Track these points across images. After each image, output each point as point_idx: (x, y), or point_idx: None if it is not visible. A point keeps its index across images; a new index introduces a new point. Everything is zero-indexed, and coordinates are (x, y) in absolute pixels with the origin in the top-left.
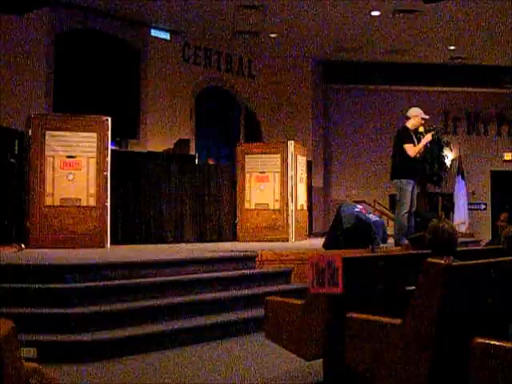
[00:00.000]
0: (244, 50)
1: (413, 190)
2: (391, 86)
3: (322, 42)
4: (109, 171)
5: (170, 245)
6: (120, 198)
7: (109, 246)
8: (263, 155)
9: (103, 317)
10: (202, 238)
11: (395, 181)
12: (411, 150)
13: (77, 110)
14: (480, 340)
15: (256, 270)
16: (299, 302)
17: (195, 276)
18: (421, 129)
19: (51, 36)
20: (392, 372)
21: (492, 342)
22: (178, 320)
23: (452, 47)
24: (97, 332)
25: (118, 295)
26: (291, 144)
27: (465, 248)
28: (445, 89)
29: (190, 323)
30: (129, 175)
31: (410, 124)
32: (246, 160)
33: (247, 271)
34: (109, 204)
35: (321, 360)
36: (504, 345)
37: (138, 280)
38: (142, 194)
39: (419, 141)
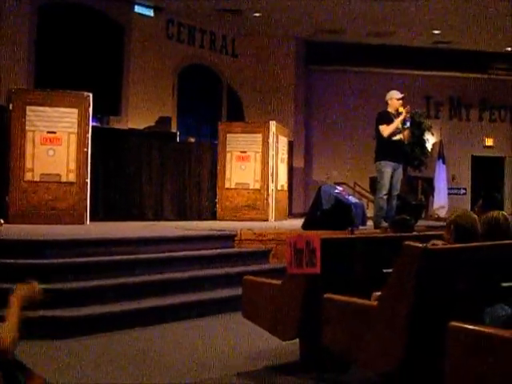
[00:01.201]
0: (228, 29)
1: (394, 173)
2: (374, 68)
3: (306, 22)
4: (89, 148)
5: (150, 222)
6: (100, 175)
7: (88, 222)
8: (245, 135)
9: (82, 293)
10: (181, 216)
11: (376, 163)
12: (385, 130)
13: (58, 86)
14: (455, 323)
15: (235, 250)
16: (277, 281)
17: (174, 254)
18: (401, 109)
19: (34, 9)
20: (368, 353)
21: (467, 326)
22: (157, 298)
23: (436, 31)
24: (75, 308)
25: (96, 272)
26: (273, 124)
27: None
28: (428, 73)
29: (168, 301)
30: (110, 152)
31: (389, 108)
32: (228, 139)
33: (226, 250)
34: (89, 180)
35: (297, 340)
36: (478, 328)
37: (116, 257)
38: (123, 171)
39: (402, 124)
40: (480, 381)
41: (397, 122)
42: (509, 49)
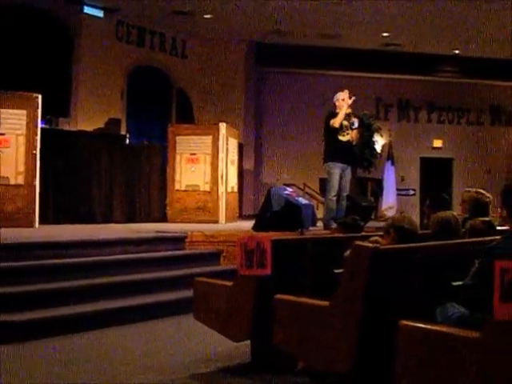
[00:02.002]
0: (178, 30)
1: (343, 174)
2: (324, 70)
3: (256, 24)
4: (38, 149)
5: (100, 225)
6: (49, 177)
7: (37, 225)
8: (195, 137)
9: (29, 297)
10: (131, 219)
11: (325, 164)
12: (335, 122)
13: (6, 87)
14: (406, 322)
15: (185, 251)
16: (228, 283)
17: (124, 256)
18: (348, 110)
19: None
20: (320, 353)
21: (417, 324)
22: (107, 301)
23: (385, 34)
24: (22, 312)
25: (43, 275)
26: (223, 126)
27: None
28: (377, 75)
29: (118, 304)
30: (59, 154)
31: (337, 109)
32: (177, 141)
33: (177, 252)
34: (38, 183)
35: (249, 341)
36: (429, 327)
37: (64, 260)
38: (72, 173)
39: (350, 125)
40: (431, 379)
41: (343, 111)
42: (456, 51)
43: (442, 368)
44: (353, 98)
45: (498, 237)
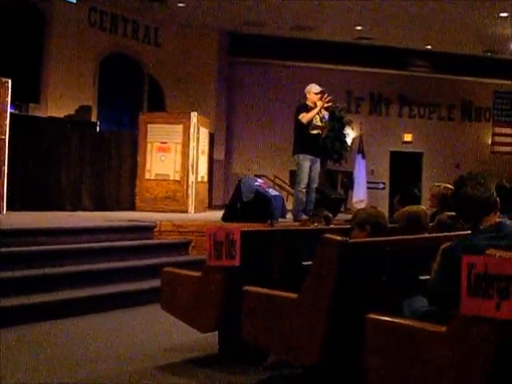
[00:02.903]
0: (151, 18)
1: (312, 166)
2: (296, 62)
3: (230, 14)
4: (7, 135)
5: (68, 212)
6: (18, 164)
7: (5, 212)
8: (166, 125)
9: None
10: (100, 207)
11: (294, 156)
12: (304, 116)
13: None
14: (373, 315)
15: (154, 241)
16: (196, 273)
17: (92, 245)
18: (319, 103)
19: None
20: (288, 345)
21: (384, 317)
22: (73, 289)
23: (358, 27)
24: None
25: (10, 263)
26: (194, 115)
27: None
28: (349, 68)
29: (87, 293)
30: (28, 140)
31: (308, 101)
32: (148, 129)
33: (145, 242)
34: (6, 169)
35: (216, 332)
36: (395, 320)
37: (32, 248)
38: (41, 159)
39: (320, 119)
40: (398, 372)
41: (316, 110)
42: (429, 47)
43: (408, 361)
44: (329, 98)
45: (465, 232)
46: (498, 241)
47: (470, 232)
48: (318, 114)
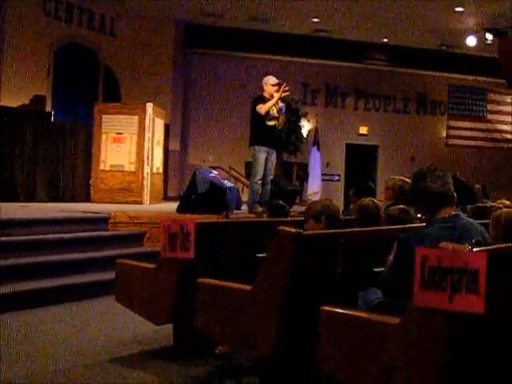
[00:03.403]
0: (107, 8)
1: (268, 158)
2: (253, 53)
3: (186, 4)
4: None
5: (22, 204)
6: None
7: None
8: (121, 116)
9: None
10: (55, 198)
11: (251, 148)
12: (261, 108)
13: None
14: (327, 307)
15: (109, 232)
16: (150, 265)
17: (46, 237)
18: (276, 95)
19: None
20: (241, 338)
21: (338, 310)
22: (28, 281)
23: (315, 20)
24: None
25: None
26: (150, 106)
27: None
28: (305, 60)
29: (40, 285)
30: None
31: (265, 93)
32: (103, 120)
33: (100, 233)
34: None
35: (171, 324)
36: (349, 312)
37: None
38: None
39: (279, 110)
40: (352, 364)
41: (273, 101)
42: (385, 40)
43: (362, 353)
44: (287, 88)
45: (413, 225)
46: (451, 231)
47: (424, 224)
48: (274, 105)
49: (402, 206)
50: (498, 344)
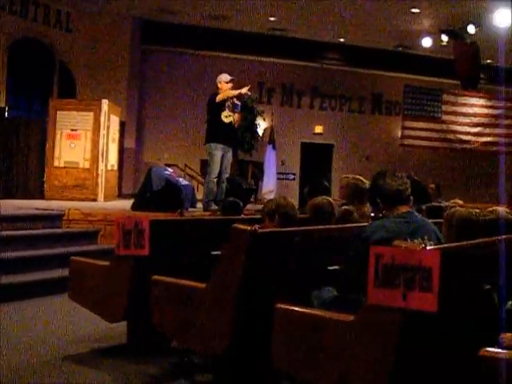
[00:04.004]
0: (63, 3)
1: (224, 156)
2: (209, 51)
3: (143, 1)
4: None
5: None
6: None
7: None
8: (76, 112)
9: None
10: (8, 195)
11: (206, 145)
12: (220, 95)
13: None
14: (281, 305)
15: (62, 230)
16: (104, 263)
17: None
18: (230, 91)
19: None
20: (196, 335)
21: (292, 307)
22: None
23: (272, 18)
24: None
25: None
26: (105, 103)
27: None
28: (262, 59)
29: None
30: None
31: (220, 90)
32: (58, 116)
33: (53, 230)
34: None
35: (125, 322)
36: (303, 310)
37: None
38: None
39: (233, 106)
40: (306, 361)
41: (233, 92)
42: (341, 40)
43: (316, 350)
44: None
45: (365, 223)
46: (406, 225)
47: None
48: (231, 101)
49: (345, 208)
50: (450, 342)
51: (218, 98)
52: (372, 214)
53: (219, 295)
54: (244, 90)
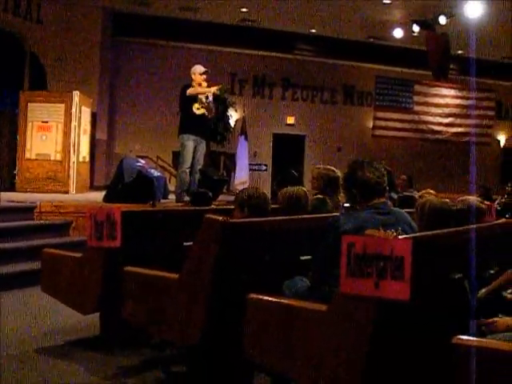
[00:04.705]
0: None
1: (197, 147)
2: (181, 43)
3: None
4: None
5: None
6: None
7: None
8: (47, 104)
9: None
10: None
11: (179, 136)
12: (190, 90)
13: None
14: (254, 295)
15: (35, 222)
16: (77, 255)
17: None
18: (204, 84)
19: None
20: (170, 326)
21: (265, 297)
22: None
23: (244, 9)
24: None
25: None
26: (76, 94)
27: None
28: (234, 50)
29: None
30: None
31: (194, 82)
32: (29, 108)
33: (25, 222)
34: None
35: (98, 314)
36: (275, 299)
37: None
38: None
39: (205, 98)
40: (279, 350)
41: (204, 90)
42: (313, 31)
43: (288, 340)
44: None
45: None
46: (381, 216)
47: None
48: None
49: (319, 196)
50: (423, 330)
51: (188, 93)
52: (346, 204)
53: (192, 286)
54: (213, 90)
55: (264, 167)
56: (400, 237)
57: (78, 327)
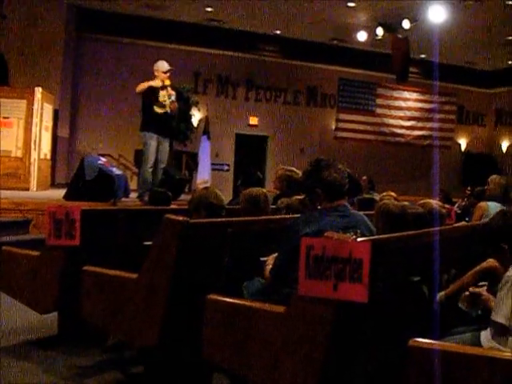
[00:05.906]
0: None
1: (160, 146)
2: (145, 41)
3: None
4: None
5: None
6: None
7: None
8: (8, 100)
9: None
10: None
11: (141, 134)
12: (139, 86)
13: None
14: (213, 296)
15: None
16: (35, 253)
17: None
18: (167, 82)
19: None
20: (127, 327)
21: (223, 298)
22: None
23: (209, 9)
24: None
25: None
26: (38, 90)
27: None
28: (198, 49)
29: None
30: None
31: (156, 79)
32: None
33: None
34: None
35: (56, 313)
36: (233, 301)
37: None
38: None
39: (168, 97)
40: (236, 352)
41: (150, 83)
42: (278, 32)
43: (246, 342)
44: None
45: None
46: (341, 219)
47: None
48: (161, 91)
49: (300, 197)
50: (381, 333)
51: (137, 89)
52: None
53: (150, 286)
54: (160, 84)
55: (226, 167)
56: (359, 239)
57: (36, 327)
